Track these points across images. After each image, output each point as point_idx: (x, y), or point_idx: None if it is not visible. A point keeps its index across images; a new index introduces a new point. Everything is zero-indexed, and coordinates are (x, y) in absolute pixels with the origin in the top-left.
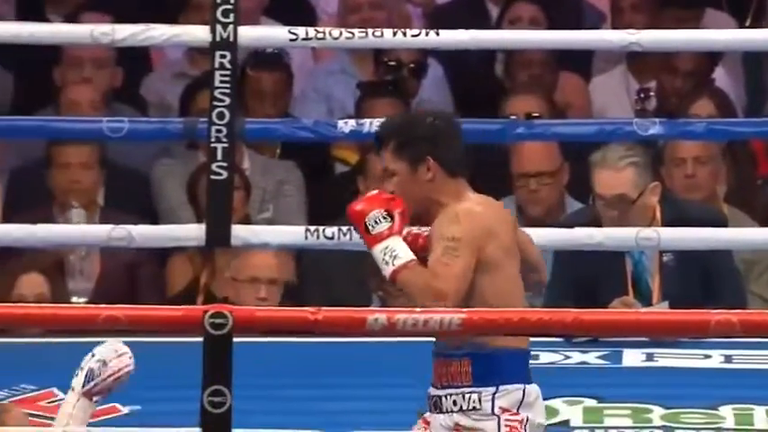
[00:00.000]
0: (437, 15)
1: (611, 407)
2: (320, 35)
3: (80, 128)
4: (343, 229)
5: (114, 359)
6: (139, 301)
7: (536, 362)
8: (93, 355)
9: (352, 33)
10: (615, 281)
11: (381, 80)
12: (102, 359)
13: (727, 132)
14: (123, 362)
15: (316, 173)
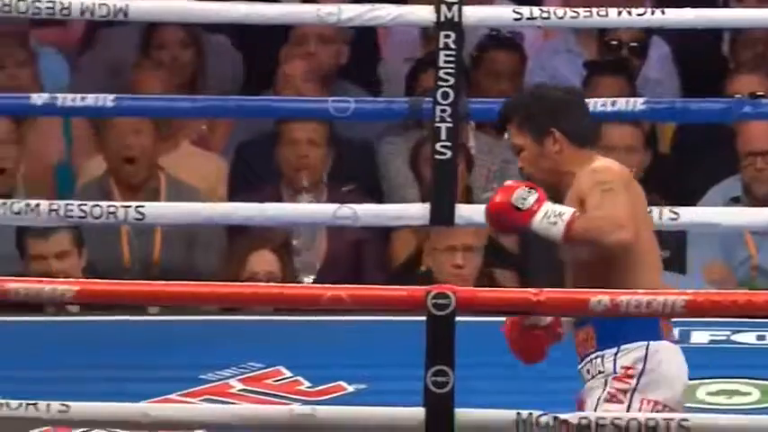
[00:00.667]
0: None
1: None
2: (545, 14)
3: (306, 107)
4: None
5: None
6: (365, 277)
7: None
8: None
9: (577, 12)
10: None
11: (607, 59)
12: None
13: None
14: None
15: None
